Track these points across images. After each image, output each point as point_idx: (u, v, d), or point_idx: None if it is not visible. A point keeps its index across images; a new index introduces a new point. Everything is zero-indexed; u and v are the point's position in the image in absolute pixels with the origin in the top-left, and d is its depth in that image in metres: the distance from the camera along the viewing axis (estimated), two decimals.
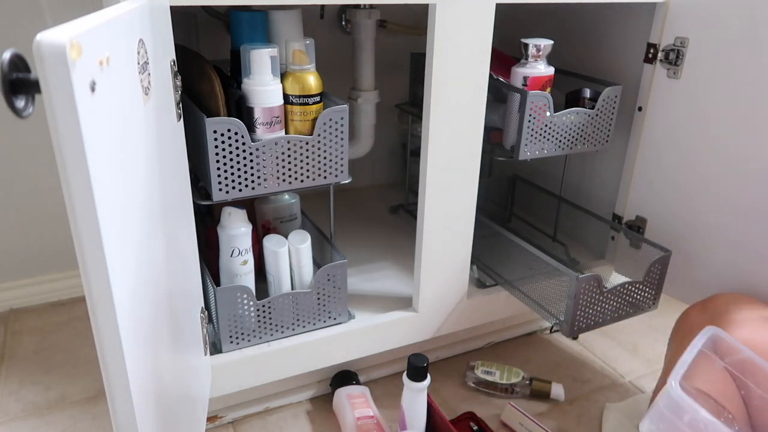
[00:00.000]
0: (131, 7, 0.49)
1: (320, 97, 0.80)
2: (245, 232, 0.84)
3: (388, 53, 1.31)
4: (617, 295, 0.92)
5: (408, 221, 1.30)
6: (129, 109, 0.46)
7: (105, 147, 0.39)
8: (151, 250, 0.52)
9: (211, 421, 0.95)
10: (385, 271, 1.11)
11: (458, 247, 0.96)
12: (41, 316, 1.21)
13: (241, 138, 0.75)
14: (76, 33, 0.33)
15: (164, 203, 0.58)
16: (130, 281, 0.43)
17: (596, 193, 1.20)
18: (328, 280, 0.89)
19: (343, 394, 0.96)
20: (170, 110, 0.64)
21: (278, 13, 0.86)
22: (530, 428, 0.93)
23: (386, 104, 1.31)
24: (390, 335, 0.97)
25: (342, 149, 0.82)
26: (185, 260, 0.70)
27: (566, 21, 1.20)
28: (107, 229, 0.37)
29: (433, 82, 0.82)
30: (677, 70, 0.97)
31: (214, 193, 0.77)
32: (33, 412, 0.97)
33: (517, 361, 1.12)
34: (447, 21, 0.80)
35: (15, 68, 0.34)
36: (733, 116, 0.90)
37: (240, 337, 0.86)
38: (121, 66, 0.44)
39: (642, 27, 1.03)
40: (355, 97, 1.14)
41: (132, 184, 0.46)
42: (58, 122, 0.33)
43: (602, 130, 1.02)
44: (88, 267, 0.37)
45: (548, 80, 0.96)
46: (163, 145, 0.59)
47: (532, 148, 0.96)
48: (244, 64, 0.77)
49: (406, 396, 0.86)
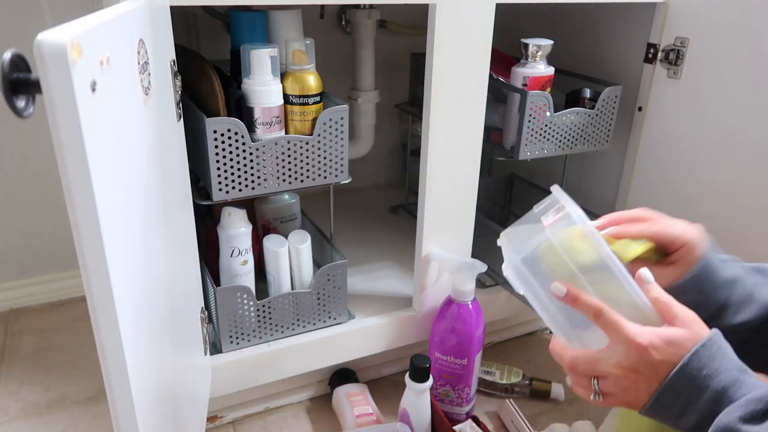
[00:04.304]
0: (131, 7, 0.49)
1: (320, 97, 0.80)
2: (245, 232, 0.84)
3: (388, 53, 1.31)
4: None
5: (408, 221, 1.30)
6: (129, 109, 0.46)
7: (105, 147, 0.39)
8: (151, 250, 0.52)
9: (211, 421, 0.95)
10: (385, 271, 1.11)
11: (458, 247, 0.95)
12: (41, 316, 1.21)
13: (241, 138, 0.75)
14: (77, 33, 0.33)
15: (164, 203, 0.58)
16: (130, 281, 0.43)
17: (596, 193, 1.20)
18: (328, 280, 0.89)
19: (342, 392, 0.96)
20: (170, 110, 0.64)
21: (278, 13, 0.86)
22: (519, 428, 0.93)
23: (386, 104, 1.31)
24: (390, 335, 0.97)
25: (342, 149, 0.82)
26: (185, 260, 0.70)
27: (566, 21, 1.20)
28: (107, 229, 0.37)
29: (433, 82, 0.82)
30: (677, 70, 0.97)
31: (214, 193, 0.77)
32: (33, 412, 0.97)
33: (517, 361, 1.12)
34: (447, 21, 0.80)
35: (15, 68, 0.34)
36: (733, 116, 0.90)
37: (240, 337, 0.86)
38: (121, 66, 0.44)
39: (642, 27, 1.03)
40: (355, 97, 1.14)
41: (132, 184, 0.46)
42: (58, 122, 0.33)
43: (602, 130, 1.02)
44: (88, 267, 0.37)
45: (548, 80, 0.96)
46: (163, 145, 0.59)
47: (532, 148, 0.96)
48: (244, 64, 0.77)
49: (409, 397, 0.86)
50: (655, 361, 0.48)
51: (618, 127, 1.08)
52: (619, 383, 0.50)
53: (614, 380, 0.50)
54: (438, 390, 0.95)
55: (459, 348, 0.90)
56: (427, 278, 0.95)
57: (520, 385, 1.03)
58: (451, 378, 0.93)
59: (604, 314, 0.51)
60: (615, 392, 0.51)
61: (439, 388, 0.95)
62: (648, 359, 0.49)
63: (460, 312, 0.89)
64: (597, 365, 0.51)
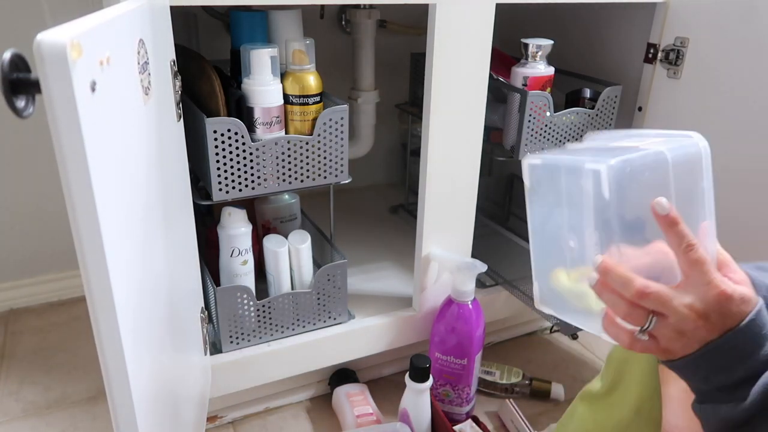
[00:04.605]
0: (131, 7, 0.49)
1: (320, 97, 0.80)
2: (245, 232, 0.84)
3: (388, 53, 1.31)
4: None
5: (408, 221, 1.30)
6: (129, 109, 0.46)
7: (105, 147, 0.39)
8: (151, 250, 0.52)
9: (211, 421, 0.95)
10: (385, 271, 1.11)
11: (458, 247, 0.95)
12: (41, 316, 1.21)
13: (241, 138, 0.75)
14: (77, 33, 0.33)
15: (164, 203, 0.58)
16: (130, 281, 0.43)
17: None
18: (328, 280, 0.89)
19: (342, 392, 0.96)
20: (170, 110, 0.64)
21: (278, 13, 0.86)
22: (519, 428, 0.93)
23: (386, 104, 1.31)
24: (390, 335, 0.97)
25: (342, 149, 0.82)
26: (185, 260, 0.70)
27: (566, 21, 1.20)
28: (107, 229, 0.37)
29: (433, 82, 0.82)
30: (677, 70, 0.97)
31: (214, 193, 0.77)
32: (33, 412, 0.97)
33: (517, 361, 1.12)
34: (447, 21, 0.80)
35: (15, 68, 0.34)
36: (733, 116, 0.90)
37: (240, 337, 0.86)
38: (121, 66, 0.44)
39: (642, 27, 1.03)
40: (355, 97, 1.14)
41: (132, 184, 0.46)
42: (58, 122, 0.33)
43: (602, 130, 1.02)
44: (88, 267, 0.37)
45: (548, 80, 0.96)
46: (163, 145, 0.59)
47: (532, 148, 0.96)
48: (244, 64, 0.77)
49: (409, 397, 0.86)
50: (730, 312, 0.46)
51: (618, 127, 1.08)
52: (680, 326, 0.47)
53: (676, 322, 0.47)
54: (438, 390, 0.95)
55: (459, 348, 0.90)
56: (427, 278, 0.95)
57: (520, 385, 1.03)
58: (451, 378, 0.93)
59: (696, 249, 0.47)
60: (667, 335, 0.48)
61: (439, 388, 0.95)
62: (725, 309, 0.46)
63: (460, 312, 0.89)
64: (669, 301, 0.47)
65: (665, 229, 0.48)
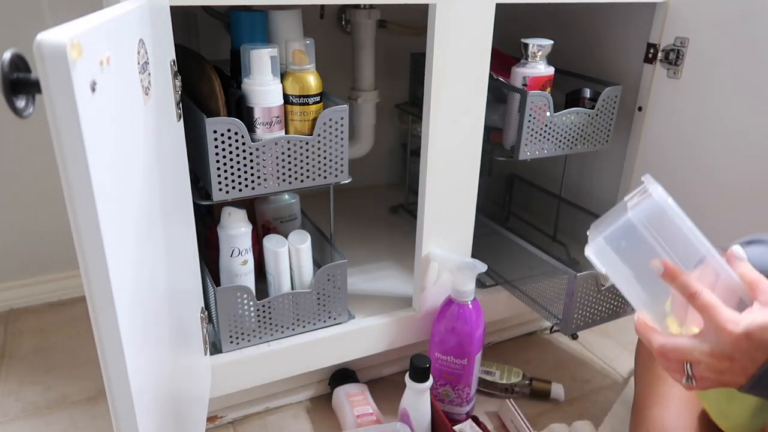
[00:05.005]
0: (131, 7, 0.49)
1: (320, 97, 0.80)
2: (245, 232, 0.84)
3: (388, 53, 1.31)
4: (615, 293, 0.92)
5: (408, 221, 1.30)
6: (129, 109, 0.46)
7: (105, 147, 0.39)
8: (151, 250, 0.52)
9: (211, 421, 0.95)
10: (385, 271, 1.11)
11: (458, 247, 0.96)
12: (41, 316, 1.21)
13: (241, 138, 0.75)
14: (77, 33, 0.33)
15: (164, 203, 0.58)
16: (130, 281, 0.43)
17: (596, 193, 1.20)
18: (328, 280, 0.89)
19: (341, 392, 0.96)
20: (170, 110, 0.64)
21: (278, 13, 0.86)
22: (519, 428, 0.93)
23: (386, 104, 1.31)
24: (390, 335, 0.97)
25: (342, 149, 0.82)
26: (185, 260, 0.70)
27: (566, 21, 1.20)
28: (107, 229, 0.37)
29: (433, 82, 0.82)
30: (677, 70, 0.97)
31: (214, 193, 0.77)
32: (33, 412, 0.97)
33: (517, 361, 1.12)
34: (447, 21, 0.80)
35: (15, 68, 0.34)
36: (733, 116, 0.90)
37: (240, 337, 0.86)
38: (121, 66, 0.44)
39: (642, 27, 1.03)
40: (355, 97, 1.14)
41: (132, 184, 0.46)
42: (58, 122, 0.33)
43: (602, 130, 1.02)
44: (88, 267, 0.37)
45: (548, 80, 0.96)
46: (163, 145, 0.59)
47: (532, 148, 0.96)
48: (244, 64, 0.77)
49: (409, 397, 0.86)
50: (750, 348, 0.47)
51: (618, 127, 1.08)
52: (714, 369, 0.48)
53: (707, 367, 0.49)
54: (438, 390, 0.95)
55: (459, 348, 0.90)
56: (427, 278, 0.95)
57: (520, 385, 1.03)
58: (451, 378, 0.93)
59: (699, 296, 0.48)
60: (709, 377, 0.49)
61: (439, 388, 0.95)
62: (744, 347, 0.47)
63: (460, 312, 0.89)
64: (689, 353, 0.49)
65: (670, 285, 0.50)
